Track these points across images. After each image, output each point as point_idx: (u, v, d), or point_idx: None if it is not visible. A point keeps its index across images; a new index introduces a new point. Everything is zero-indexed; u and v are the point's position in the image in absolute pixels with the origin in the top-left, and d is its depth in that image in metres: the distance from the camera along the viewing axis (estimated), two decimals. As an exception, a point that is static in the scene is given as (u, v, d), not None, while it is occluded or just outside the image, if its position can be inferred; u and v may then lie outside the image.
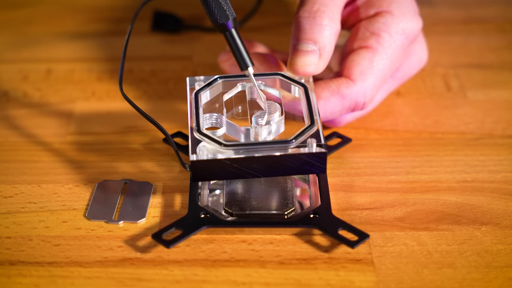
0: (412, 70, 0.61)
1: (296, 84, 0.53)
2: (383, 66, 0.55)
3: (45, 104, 0.63)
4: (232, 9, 0.51)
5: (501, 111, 0.61)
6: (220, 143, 0.49)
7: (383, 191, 0.53)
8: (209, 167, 0.49)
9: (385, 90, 0.60)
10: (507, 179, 0.54)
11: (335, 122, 0.58)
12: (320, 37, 0.53)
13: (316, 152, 0.49)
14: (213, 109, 0.54)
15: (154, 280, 0.46)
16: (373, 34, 0.55)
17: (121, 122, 0.60)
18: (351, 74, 0.55)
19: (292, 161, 0.49)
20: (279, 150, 0.49)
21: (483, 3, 0.77)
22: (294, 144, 0.49)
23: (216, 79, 0.54)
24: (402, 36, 0.56)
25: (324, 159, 0.49)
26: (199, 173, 0.49)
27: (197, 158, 0.48)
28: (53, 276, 0.47)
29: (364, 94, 0.55)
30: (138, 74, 0.67)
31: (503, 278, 0.46)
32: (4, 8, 0.77)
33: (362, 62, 0.55)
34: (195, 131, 0.50)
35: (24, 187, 0.53)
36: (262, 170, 0.49)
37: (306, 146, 0.49)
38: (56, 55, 0.70)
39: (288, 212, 0.50)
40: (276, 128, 0.52)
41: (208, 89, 0.53)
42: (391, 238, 0.49)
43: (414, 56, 0.60)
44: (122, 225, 0.50)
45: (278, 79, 0.54)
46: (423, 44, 0.61)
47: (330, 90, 0.54)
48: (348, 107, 0.55)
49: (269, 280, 0.46)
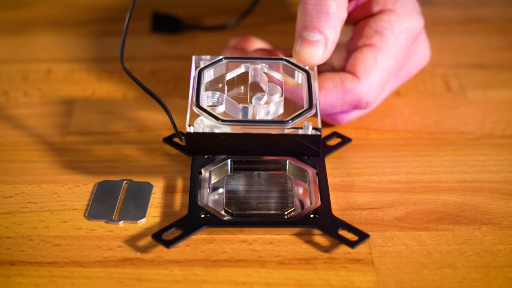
0: (415, 68, 0.61)
1: (300, 70, 0.54)
2: (387, 64, 0.55)
3: (45, 104, 0.63)
4: None
5: (501, 111, 0.61)
6: (218, 118, 0.50)
7: (383, 191, 0.53)
8: (204, 140, 0.50)
9: (388, 89, 0.60)
10: (507, 179, 0.54)
11: (337, 119, 0.58)
12: (326, 26, 0.53)
13: (311, 134, 0.50)
14: (215, 88, 0.55)
15: (154, 280, 0.47)
16: (377, 33, 0.56)
17: (121, 122, 0.60)
18: (356, 71, 0.55)
19: (286, 141, 0.50)
20: (275, 130, 0.49)
21: (483, 3, 0.77)
22: (290, 124, 0.50)
23: (221, 59, 0.55)
24: (406, 35, 0.56)
25: (318, 142, 0.50)
26: (194, 145, 0.50)
27: (194, 131, 0.49)
28: (53, 276, 0.47)
29: (368, 92, 0.55)
30: (138, 74, 0.67)
31: (503, 278, 0.46)
32: (4, 8, 0.77)
33: (366, 60, 0.55)
34: (194, 106, 0.51)
35: (24, 187, 0.53)
36: (257, 148, 0.50)
37: (302, 128, 0.49)
38: (56, 55, 0.70)
39: (288, 212, 0.50)
40: (275, 109, 0.52)
41: (212, 68, 0.54)
42: (391, 238, 0.49)
43: (417, 54, 0.60)
44: (122, 225, 0.50)
45: (281, 64, 0.55)
46: (426, 43, 0.61)
47: (334, 82, 0.55)
48: (350, 103, 0.55)
49: (269, 280, 0.46)
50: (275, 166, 0.55)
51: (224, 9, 0.76)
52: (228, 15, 0.74)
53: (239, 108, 0.52)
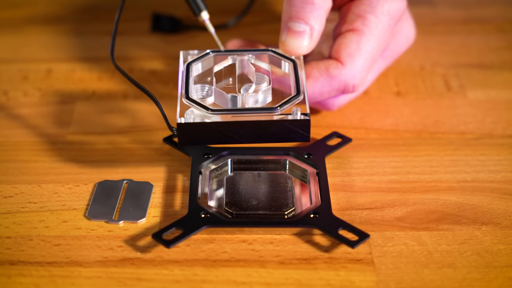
0: (401, 47, 0.62)
1: (286, 59, 0.55)
2: (371, 47, 0.56)
3: (45, 104, 0.63)
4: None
5: (501, 111, 0.61)
6: (207, 108, 0.50)
7: (383, 191, 0.53)
8: (195, 131, 0.50)
9: (375, 70, 0.61)
10: (507, 179, 0.54)
11: (327, 104, 0.59)
12: (311, 16, 0.54)
13: (300, 119, 0.50)
14: (204, 81, 0.55)
15: (154, 280, 0.47)
16: (359, 17, 0.56)
17: (121, 122, 0.60)
18: (340, 57, 0.56)
19: (276, 127, 0.50)
20: (264, 117, 0.50)
21: (483, 3, 0.78)
22: (279, 111, 0.50)
23: (208, 53, 0.56)
24: (388, 16, 0.57)
25: (307, 126, 0.50)
26: (185, 136, 0.50)
27: (184, 121, 0.50)
28: (53, 276, 0.47)
29: (353, 76, 0.55)
30: (138, 74, 0.67)
31: (503, 278, 0.46)
32: (4, 8, 0.77)
33: (349, 45, 0.56)
34: (183, 97, 0.51)
35: (24, 187, 0.53)
36: (247, 135, 0.50)
37: (291, 114, 0.50)
38: (56, 55, 0.70)
39: (288, 212, 0.50)
40: (263, 98, 0.53)
41: (199, 61, 0.55)
42: (391, 238, 0.49)
43: (401, 34, 0.61)
44: (122, 225, 0.50)
45: (268, 54, 0.56)
46: (410, 22, 0.63)
47: (319, 69, 0.55)
48: (337, 88, 0.56)
49: (269, 280, 0.46)
50: (275, 166, 0.55)
51: (223, 9, 0.76)
52: (227, 14, 0.74)
53: (228, 98, 0.52)
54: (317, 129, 0.59)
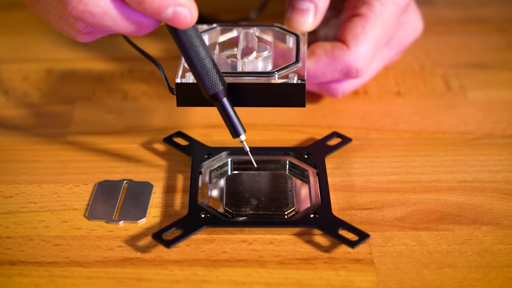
0: (407, 39, 0.63)
1: (290, 34, 0.56)
2: (376, 33, 0.57)
3: (45, 104, 0.63)
4: (223, 78, 0.50)
5: (501, 111, 0.61)
6: None
7: (383, 191, 0.53)
8: (193, 92, 0.51)
9: (381, 60, 0.61)
10: (507, 179, 0.54)
11: (331, 89, 0.60)
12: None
13: (296, 83, 0.51)
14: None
15: (154, 280, 0.46)
16: (365, 3, 0.58)
17: (121, 122, 0.60)
18: (345, 39, 0.57)
19: (273, 90, 0.51)
20: (262, 80, 0.51)
21: (483, 3, 0.78)
22: (276, 75, 0.51)
23: (215, 27, 0.57)
24: (393, 5, 0.58)
25: (303, 91, 0.51)
26: (183, 96, 0.51)
27: (183, 81, 0.51)
28: (53, 276, 0.47)
29: (357, 59, 0.56)
30: (138, 74, 0.67)
31: (503, 278, 0.46)
32: (4, 8, 0.77)
33: (354, 28, 0.57)
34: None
35: (24, 187, 0.53)
36: (244, 98, 0.51)
37: (288, 79, 0.51)
38: (56, 55, 0.70)
39: (288, 212, 0.50)
40: (263, 66, 0.53)
41: (206, 33, 0.56)
42: (391, 238, 0.49)
43: (407, 25, 0.62)
44: (122, 225, 0.50)
45: (273, 29, 0.57)
46: (417, 14, 0.63)
47: (324, 49, 0.57)
48: (340, 70, 0.57)
49: (269, 280, 0.46)
50: (275, 166, 0.55)
51: (222, 9, 0.76)
52: (226, 14, 0.74)
53: (228, 63, 0.53)
54: (317, 129, 0.59)
